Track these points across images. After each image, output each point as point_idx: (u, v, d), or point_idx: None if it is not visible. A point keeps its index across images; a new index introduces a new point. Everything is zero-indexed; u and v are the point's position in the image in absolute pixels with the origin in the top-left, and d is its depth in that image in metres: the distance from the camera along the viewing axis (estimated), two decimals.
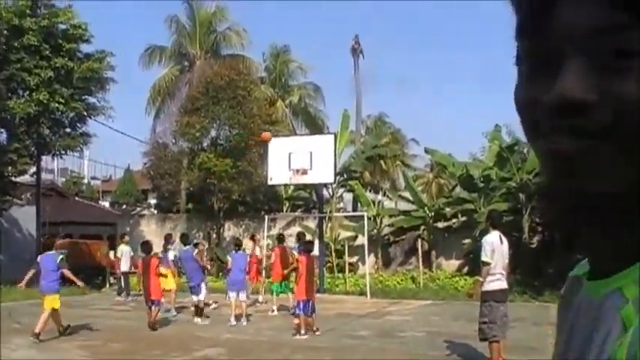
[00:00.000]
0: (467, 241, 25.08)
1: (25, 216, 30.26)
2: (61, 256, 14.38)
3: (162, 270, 16.87)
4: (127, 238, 25.36)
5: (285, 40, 64.87)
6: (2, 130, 27.08)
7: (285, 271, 16.47)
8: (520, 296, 19.06)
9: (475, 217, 23.76)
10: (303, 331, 13.48)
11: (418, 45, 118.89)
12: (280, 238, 19.33)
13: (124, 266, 23.58)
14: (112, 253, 25.26)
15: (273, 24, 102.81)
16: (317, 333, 13.80)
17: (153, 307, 15.23)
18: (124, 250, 23.98)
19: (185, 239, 18.65)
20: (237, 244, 17.71)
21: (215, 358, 11.78)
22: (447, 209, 26.77)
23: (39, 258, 14.50)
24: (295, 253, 16.65)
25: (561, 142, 0.67)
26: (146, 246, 16.91)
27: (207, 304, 17.96)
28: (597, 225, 0.73)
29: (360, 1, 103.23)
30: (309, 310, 13.77)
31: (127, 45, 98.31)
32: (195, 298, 16.59)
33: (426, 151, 29.85)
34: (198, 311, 16.50)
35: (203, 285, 16.89)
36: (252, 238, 23.16)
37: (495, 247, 9.77)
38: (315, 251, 21.82)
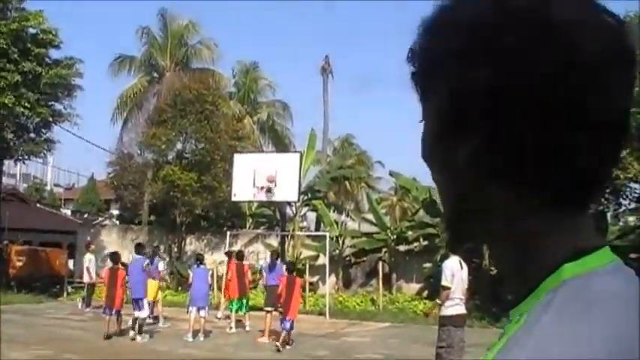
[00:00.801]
0: (428, 265, 25.19)
1: None
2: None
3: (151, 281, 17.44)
4: (92, 247, 24.95)
5: (255, 57, 64.83)
6: None
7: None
8: (478, 322, 19.17)
9: (437, 241, 23.91)
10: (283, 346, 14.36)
11: (386, 64, 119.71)
12: (239, 255, 19.29)
13: (89, 276, 23.18)
14: (71, 262, 24.68)
15: (244, 40, 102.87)
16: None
17: (116, 317, 15.23)
18: (91, 259, 23.62)
19: (139, 249, 18.14)
20: (200, 259, 17.62)
21: None
22: (410, 233, 26.88)
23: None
24: (263, 271, 18.27)
25: None
26: (114, 256, 16.94)
27: (156, 319, 18.06)
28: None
29: (331, 22, 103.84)
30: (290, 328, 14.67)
31: (96, 53, 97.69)
32: (136, 313, 15.55)
33: (391, 174, 30.06)
34: (139, 328, 15.65)
35: (145, 301, 16.10)
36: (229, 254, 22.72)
37: (455, 271, 9.86)
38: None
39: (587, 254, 0.76)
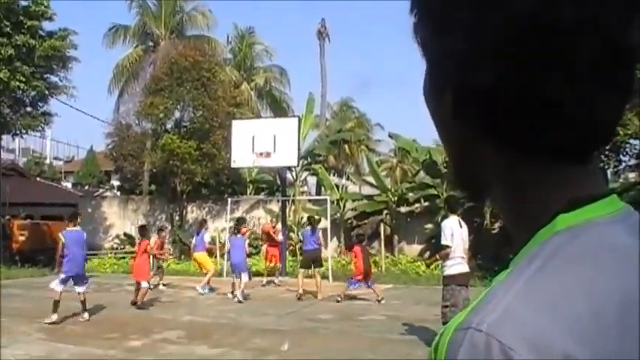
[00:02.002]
0: (429, 226, 25.24)
1: None
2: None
3: (197, 255, 19.34)
4: (79, 220, 24.29)
5: (250, 22, 64.44)
6: None
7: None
8: (481, 281, 19.15)
9: (437, 202, 23.92)
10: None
11: (384, 29, 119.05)
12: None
13: None
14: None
15: (239, 5, 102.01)
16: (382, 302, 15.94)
17: (140, 288, 15.40)
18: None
19: (73, 217, 17.65)
20: (237, 230, 18.35)
21: (174, 341, 11.73)
22: (410, 194, 26.89)
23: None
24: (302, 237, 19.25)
25: None
26: (142, 230, 17.55)
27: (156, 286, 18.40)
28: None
29: None
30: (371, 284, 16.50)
31: (90, 23, 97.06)
32: (77, 289, 13.97)
33: (390, 136, 29.99)
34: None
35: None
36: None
37: (455, 230, 9.85)
38: (280, 236, 21.89)
39: (587, 204, 0.75)
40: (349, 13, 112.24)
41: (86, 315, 13.59)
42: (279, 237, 21.68)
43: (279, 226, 23.17)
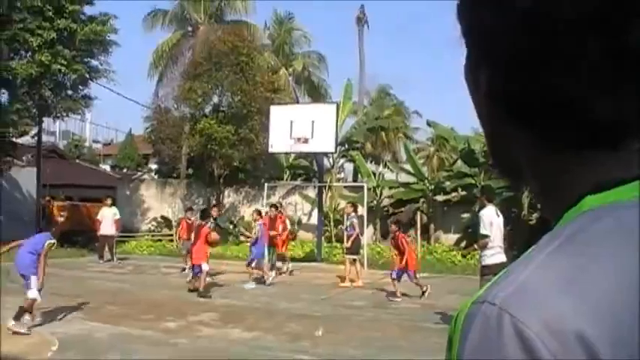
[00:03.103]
0: (466, 215, 25.07)
1: (26, 177, 30.23)
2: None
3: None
4: (108, 201, 24.46)
5: (289, 8, 64.37)
6: (4, 90, 26.96)
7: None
8: None
9: (475, 191, 23.73)
10: (399, 295, 15.05)
11: (423, 16, 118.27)
12: (275, 206, 19.79)
13: (105, 229, 23.07)
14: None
15: None
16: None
17: (199, 274, 15.26)
18: (105, 214, 23.43)
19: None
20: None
21: (209, 323, 11.82)
22: (447, 183, 26.73)
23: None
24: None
25: None
26: (205, 213, 17.54)
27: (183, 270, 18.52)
28: None
29: None
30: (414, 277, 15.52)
31: (129, 8, 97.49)
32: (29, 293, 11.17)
33: (429, 124, 29.80)
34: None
35: (34, 278, 11.45)
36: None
37: (493, 220, 9.77)
38: (314, 220, 21.89)
39: (614, 187, 0.75)
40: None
41: None
42: (288, 225, 21.43)
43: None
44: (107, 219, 23.19)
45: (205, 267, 15.37)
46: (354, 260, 18.15)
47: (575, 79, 0.73)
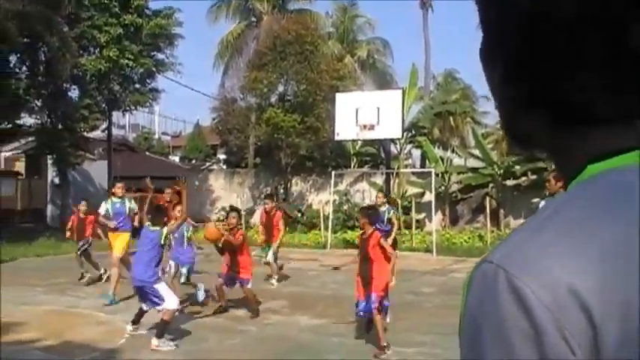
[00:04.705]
0: (536, 200, 24.57)
1: (98, 170, 30.95)
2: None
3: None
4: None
5: None
6: (74, 86, 27.61)
7: None
8: None
9: (545, 175, 23.25)
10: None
11: None
12: (271, 197, 17.72)
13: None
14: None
15: None
16: None
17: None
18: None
19: None
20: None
21: (278, 311, 11.86)
22: (517, 167, 26.24)
23: None
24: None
25: None
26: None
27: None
28: None
29: None
30: None
31: (194, 1, 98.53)
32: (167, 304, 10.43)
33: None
34: None
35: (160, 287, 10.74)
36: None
37: None
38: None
39: (617, 154, 0.79)
40: None
41: None
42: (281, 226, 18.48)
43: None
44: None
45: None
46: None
47: (576, 78, 0.79)
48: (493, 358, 0.70)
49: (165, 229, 9.64)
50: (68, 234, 16.26)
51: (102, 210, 14.19)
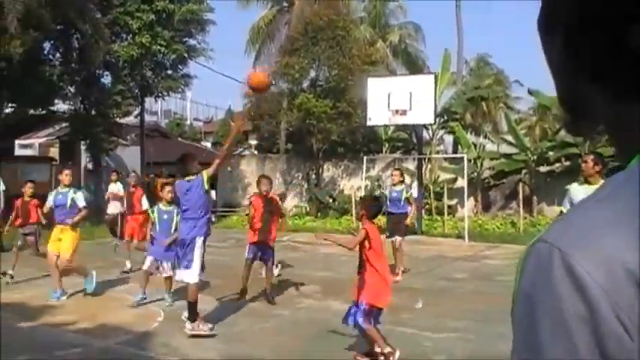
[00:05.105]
0: (568, 186, 24.32)
1: (130, 156, 31.17)
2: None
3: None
4: (114, 175, 18.83)
5: None
6: (107, 72, 27.80)
7: None
8: None
9: (579, 161, 22.98)
10: None
11: None
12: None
13: (111, 208, 17.89)
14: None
15: None
16: None
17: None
18: (111, 190, 18.12)
19: None
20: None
21: (310, 295, 11.89)
22: (550, 153, 26.01)
23: None
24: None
25: None
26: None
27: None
28: None
29: None
30: None
31: None
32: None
33: (530, 92, 29.01)
34: None
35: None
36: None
37: (575, 199, 9.36)
38: (414, 193, 21.67)
39: None
40: None
41: None
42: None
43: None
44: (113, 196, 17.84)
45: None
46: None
47: None
48: (548, 338, 0.71)
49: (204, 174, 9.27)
50: (11, 222, 14.10)
51: (48, 202, 12.29)
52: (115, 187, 17.86)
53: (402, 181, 14.63)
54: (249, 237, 11.66)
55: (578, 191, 8.89)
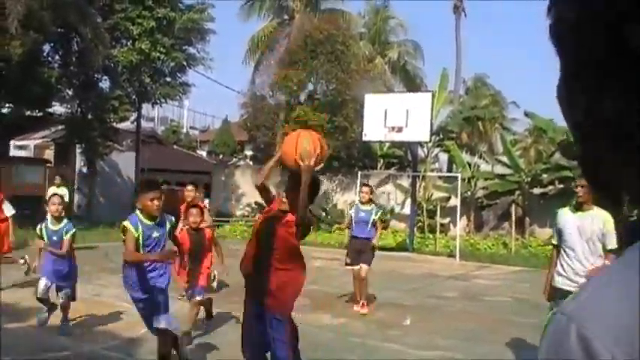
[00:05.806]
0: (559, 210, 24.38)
1: (125, 161, 31.17)
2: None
3: None
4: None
5: None
6: (106, 77, 27.85)
7: None
8: None
9: (573, 185, 23.06)
10: None
11: (521, 4, 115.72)
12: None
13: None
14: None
15: None
16: None
17: None
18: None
19: None
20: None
21: (299, 308, 11.82)
22: (544, 175, 26.09)
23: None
24: None
25: None
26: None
27: None
28: None
29: None
30: None
31: None
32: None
33: (526, 114, 29.12)
34: None
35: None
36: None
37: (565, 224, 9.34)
38: (407, 210, 21.71)
39: None
40: None
41: None
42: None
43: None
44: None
45: None
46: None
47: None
48: None
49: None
50: None
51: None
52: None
53: (371, 200, 12.79)
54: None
55: (568, 218, 8.04)
